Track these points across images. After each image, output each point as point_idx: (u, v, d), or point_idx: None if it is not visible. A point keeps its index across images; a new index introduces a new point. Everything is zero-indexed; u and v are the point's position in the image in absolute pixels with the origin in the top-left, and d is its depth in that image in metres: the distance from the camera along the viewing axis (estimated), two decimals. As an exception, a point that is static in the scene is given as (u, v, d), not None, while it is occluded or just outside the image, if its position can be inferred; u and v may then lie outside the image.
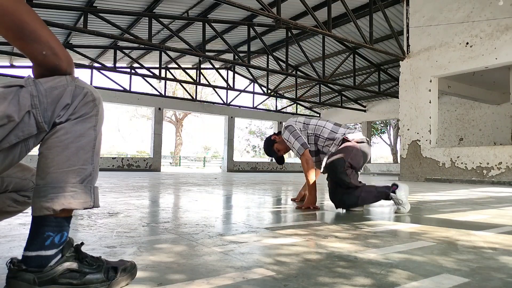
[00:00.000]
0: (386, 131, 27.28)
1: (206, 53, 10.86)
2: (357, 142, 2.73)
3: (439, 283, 1.05)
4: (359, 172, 2.74)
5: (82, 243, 0.97)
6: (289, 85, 17.34)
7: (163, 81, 18.87)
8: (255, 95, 17.09)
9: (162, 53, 13.21)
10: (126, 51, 12.79)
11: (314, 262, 1.25)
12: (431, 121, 9.16)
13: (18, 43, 0.86)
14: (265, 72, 14.90)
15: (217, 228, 1.87)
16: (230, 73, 16.66)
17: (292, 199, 3.50)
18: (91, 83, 13.55)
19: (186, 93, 20.31)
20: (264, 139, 3.32)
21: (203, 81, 18.02)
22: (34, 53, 0.87)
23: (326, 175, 2.76)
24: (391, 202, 2.75)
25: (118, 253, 1.32)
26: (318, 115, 19.82)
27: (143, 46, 11.61)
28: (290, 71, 14.97)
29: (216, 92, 17.16)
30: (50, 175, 0.88)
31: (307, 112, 20.40)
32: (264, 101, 18.38)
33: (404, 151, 9.72)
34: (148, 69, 13.40)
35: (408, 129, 9.62)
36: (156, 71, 14.89)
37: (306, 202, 2.79)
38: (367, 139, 2.84)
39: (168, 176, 9.75)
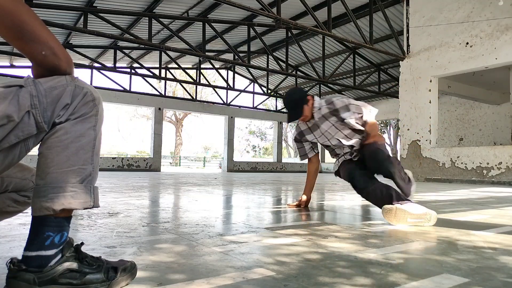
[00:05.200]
0: (386, 131, 27.27)
1: (206, 53, 10.86)
2: None
3: (439, 283, 1.04)
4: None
5: (82, 243, 0.97)
6: (289, 85, 17.34)
7: (163, 81, 18.88)
8: (255, 95, 17.09)
9: (162, 53, 13.20)
10: (126, 51, 12.79)
11: (314, 262, 1.25)
12: (431, 121, 9.16)
13: (18, 43, 0.86)
14: (265, 72, 14.90)
15: (217, 228, 1.87)
16: (230, 73, 16.65)
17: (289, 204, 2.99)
18: (91, 83, 13.55)
19: (186, 93, 20.30)
20: (293, 91, 2.63)
21: (203, 81, 18.03)
22: (34, 53, 0.87)
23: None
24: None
25: (118, 253, 1.32)
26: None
27: (143, 46, 11.61)
28: (290, 71, 14.96)
29: (216, 92, 17.15)
30: (50, 175, 0.88)
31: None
32: (264, 101, 18.37)
33: (404, 151, 9.71)
34: (148, 69, 13.40)
35: (408, 129, 9.62)
36: (156, 71, 14.88)
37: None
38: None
39: (168, 176, 9.74)
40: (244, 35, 12.24)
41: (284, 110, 19.47)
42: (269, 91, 16.09)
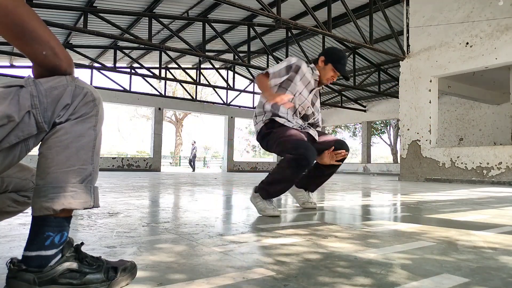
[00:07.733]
0: (386, 131, 27.26)
1: (206, 53, 10.86)
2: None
3: (439, 283, 1.04)
4: None
5: (82, 243, 0.97)
6: (289, 85, 17.33)
7: (163, 81, 18.89)
8: (255, 95, 17.09)
9: (162, 53, 13.21)
10: (126, 51, 12.80)
11: (314, 262, 1.25)
12: (431, 121, 9.16)
13: (18, 43, 0.86)
14: (265, 72, 14.88)
15: (217, 228, 1.87)
16: (230, 73, 16.65)
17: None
18: (91, 83, 13.56)
19: (186, 93, 20.31)
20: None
21: (203, 81, 18.03)
22: (34, 53, 0.87)
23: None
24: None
25: (118, 253, 1.32)
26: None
27: (143, 46, 11.62)
28: (290, 71, 14.94)
29: (216, 92, 17.17)
30: (50, 175, 0.88)
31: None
32: (264, 101, 18.36)
33: (404, 151, 9.71)
34: (148, 69, 13.41)
35: (408, 129, 9.62)
36: (156, 71, 14.89)
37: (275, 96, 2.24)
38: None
39: (168, 176, 9.74)
40: (244, 35, 12.24)
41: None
42: (269, 91, 16.05)
